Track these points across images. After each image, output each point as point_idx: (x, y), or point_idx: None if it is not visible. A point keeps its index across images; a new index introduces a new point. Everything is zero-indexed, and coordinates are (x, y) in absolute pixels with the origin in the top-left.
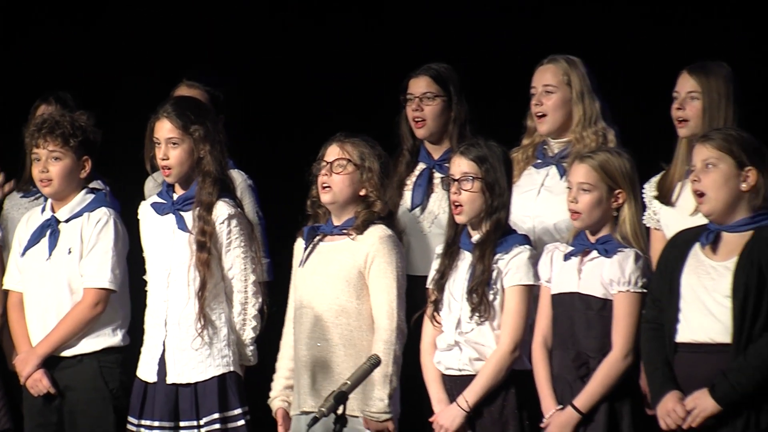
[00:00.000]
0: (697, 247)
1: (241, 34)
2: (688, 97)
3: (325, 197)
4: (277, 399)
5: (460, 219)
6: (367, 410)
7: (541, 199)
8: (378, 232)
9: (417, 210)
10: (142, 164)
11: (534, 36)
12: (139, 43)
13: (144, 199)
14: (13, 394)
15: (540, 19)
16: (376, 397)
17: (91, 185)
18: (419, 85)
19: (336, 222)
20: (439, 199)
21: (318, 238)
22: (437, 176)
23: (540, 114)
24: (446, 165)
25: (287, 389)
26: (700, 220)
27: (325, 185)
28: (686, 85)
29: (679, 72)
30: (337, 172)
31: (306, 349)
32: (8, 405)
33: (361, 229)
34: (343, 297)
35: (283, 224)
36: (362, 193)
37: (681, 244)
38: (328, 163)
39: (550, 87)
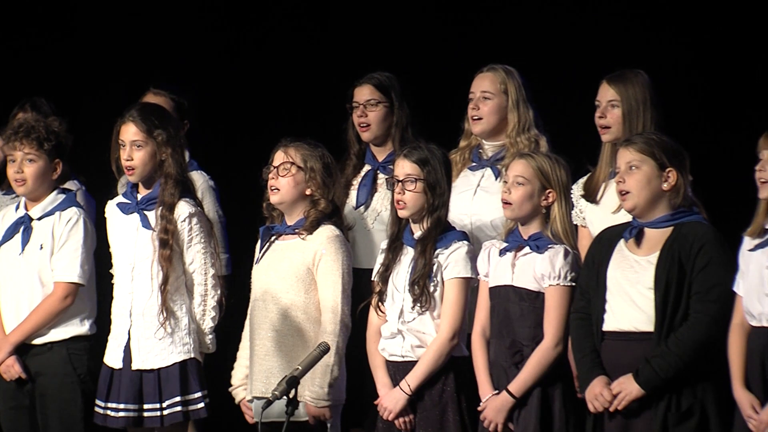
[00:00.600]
0: (621, 243)
1: (201, 46)
2: (609, 105)
3: (273, 198)
4: (239, 388)
5: (402, 214)
6: (307, 396)
7: (478, 198)
8: (326, 232)
9: (362, 208)
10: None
11: (469, 45)
12: (107, 52)
13: (112, 198)
14: None
15: (475, 30)
16: (317, 384)
17: (66, 185)
18: (363, 93)
19: (289, 222)
20: (382, 198)
21: (273, 237)
22: (381, 177)
23: (476, 117)
24: (390, 166)
25: (247, 378)
26: (624, 217)
27: (273, 188)
28: (606, 94)
29: (599, 81)
30: (282, 175)
31: (259, 339)
32: None
33: (310, 229)
34: (293, 291)
35: (242, 221)
36: (308, 192)
37: (607, 240)
38: (274, 167)
39: (488, 93)
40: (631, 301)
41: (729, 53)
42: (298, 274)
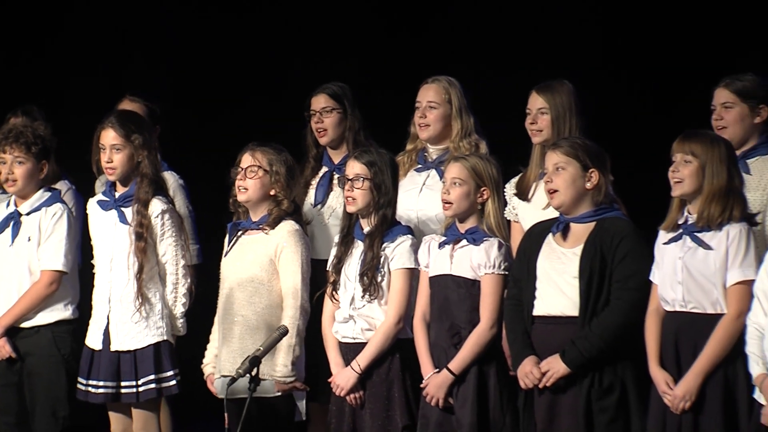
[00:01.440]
0: (550, 237)
1: (172, 56)
2: (539, 113)
3: (241, 197)
4: (208, 365)
5: (350, 209)
6: (274, 374)
7: (423, 195)
8: (287, 227)
9: (319, 205)
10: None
11: (414, 57)
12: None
13: (94, 196)
14: None
15: (420, 42)
16: (281, 363)
17: (57, 185)
18: (319, 102)
19: (254, 218)
20: (337, 196)
21: (240, 232)
22: (337, 179)
23: (423, 124)
24: (344, 168)
25: (214, 356)
26: (551, 213)
27: (241, 187)
28: (536, 102)
29: (530, 91)
30: (250, 176)
31: (227, 323)
32: None
33: (273, 224)
34: (257, 280)
35: (209, 215)
36: (272, 193)
37: (537, 234)
38: (242, 169)
39: (433, 103)
40: (558, 288)
41: (648, 67)
42: (262, 264)
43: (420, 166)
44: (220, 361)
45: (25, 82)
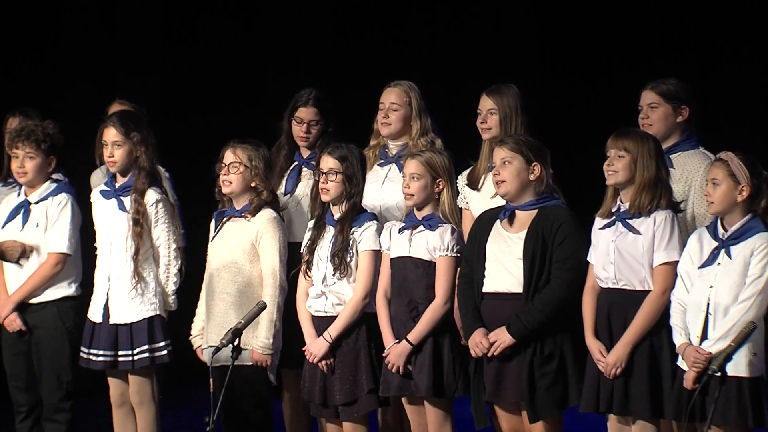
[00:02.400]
0: (497, 223)
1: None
2: (489, 113)
3: (225, 190)
4: (197, 338)
5: (325, 199)
6: (255, 344)
7: (385, 187)
8: (266, 215)
9: (288, 195)
10: (83, 161)
11: (377, 62)
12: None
13: (89, 186)
14: None
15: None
16: (262, 335)
17: (54, 176)
18: (308, 113)
19: (237, 207)
20: (304, 187)
21: (225, 219)
22: (305, 170)
23: (386, 123)
24: (312, 162)
25: (201, 329)
26: (499, 201)
27: (224, 181)
28: (486, 104)
29: (480, 93)
30: (232, 171)
31: (214, 300)
32: None
33: (254, 212)
34: (240, 262)
35: (192, 205)
36: (252, 184)
37: (486, 220)
38: (225, 164)
39: (395, 105)
40: (505, 268)
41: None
42: (244, 248)
43: (382, 160)
44: (206, 332)
45: (23, 85)
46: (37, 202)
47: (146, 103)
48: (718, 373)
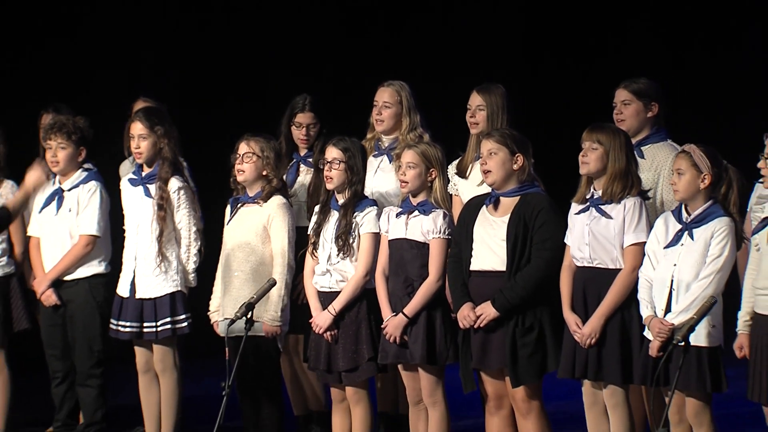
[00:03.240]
0: (484, 208)
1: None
2: (477, 109)
3: (239, 178)
4: (214, 313)
5: (329, 186)
6: (265, 317)
7: (378, 176)
8: (277, 201)
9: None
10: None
11: (372, 63)
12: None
13: (117, 175)
14: (32, 305)
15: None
16: (272, 309)
17: (85, 166)
18: (307, 118)
19: (250, 194)
20: (302, 180)
21: (239, 205)
22: (302, 167)
23: (380, 120)
24: (309, 159)
25: (218, 304)
26: (485, 189)
27: (239, 171)
28: (475, 100)
29: (470, 91)
30: (246, 162)
31: (229, 278)
32: (27, 311)
33: (265, 198)
34: (253, 243)
35: (207, 192)
36: (264, 173)
37: (473, 205)
38: (240, 155)
39: (388, 103)
40: (490, 249)
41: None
42: (257, 230)
43: (376, 152)
44: (222, 306)
45: (53, 82)
46: (69, 189)
47: (166, 98)
48: (681, 343)
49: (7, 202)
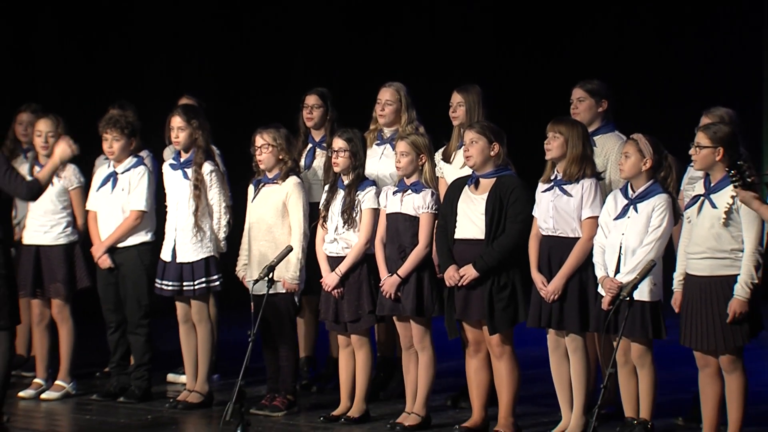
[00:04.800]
0: (466, 188)
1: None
2: (458, 105)
3: (261, 167)
4: (240, 271)
5: (336, 170)
6: (286, 276)
7: (381, 162)
8: (293, 180)
9: (307, 170)
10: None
11: (376, 63)
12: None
13: (162, 160)
14: (92, 266)
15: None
16: (292, 270)
17: (141, 153)
18: (311, 99)
19: (269, 175)
20: (318, 162)
21: (261, 185)
22: (318, 151)
23: (381, 114)
24: (323, 144)
25: (244, 266)
26: (466, 171)
27: (259, 160)
28: (456, 98)
29: (451, 90)
30: (264, 152)
31: (254, 245)
32: (88, 271)
33: (283, 178)
34: (273, 217)
35: (235, 173)
36: (280, 157)
37: (457, 185)
38: (258, 147)
39: (389, 101)
40: (471, 221)
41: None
42: (276, 206)
43: (378, 141)
44: (249, 269)
45: (113, 77)
46: (122, 173)
47: (203, 92)
48: (628, 298)
49: (37, 174)
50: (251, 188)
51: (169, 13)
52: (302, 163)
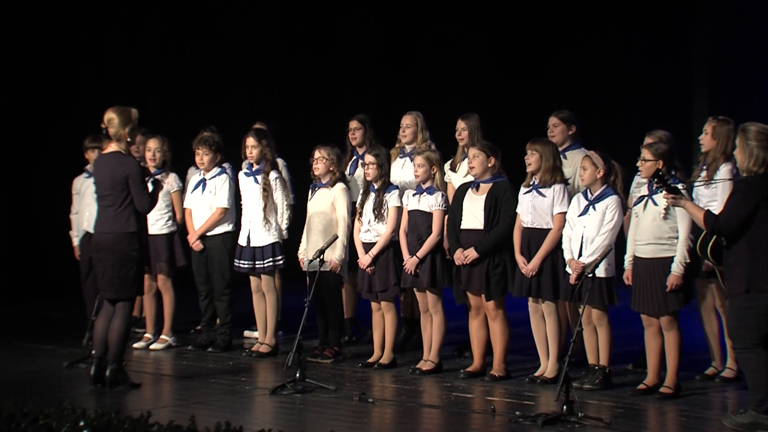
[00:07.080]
0: (470, 190)
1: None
2: (462, 129)
3: (316, 173)
4: (300, 254)
5: (368, 178)
6: (333, 258)
7: (403, 171)
8: (339, 186)
9: (351, 176)
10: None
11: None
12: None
13: (240, 169)
14: (187, 250)
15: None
16: (338, 253)
17: (223, 164)
18: (353, 123)
19: (323, 181)
20: (360, 171)
21: (316, 188)
22: (360, 162)
23: (403, 136)
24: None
25: (304, 249)
26: (469, 179)
27: (315, 168)
28: (460, 124)
29: (456, 116)
30: (320, 163)
31: (309, 234)
32: (185, 253)
33: (332, 184)
34: (325, 213)
35: (298, 180)
36: (331, 168)
37: (462, 189)
38: (316, 159)
39: (409, 125)
40: (473, 215)
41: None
42: (327, 205)
43: (401, 155)
44: (306, 251)
45: (199, 109)
46: (210, 179)
47: (273, 116)
48: (590, 275)
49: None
50: (310, 191)
51: (245, 52)
52: (347, 171)
